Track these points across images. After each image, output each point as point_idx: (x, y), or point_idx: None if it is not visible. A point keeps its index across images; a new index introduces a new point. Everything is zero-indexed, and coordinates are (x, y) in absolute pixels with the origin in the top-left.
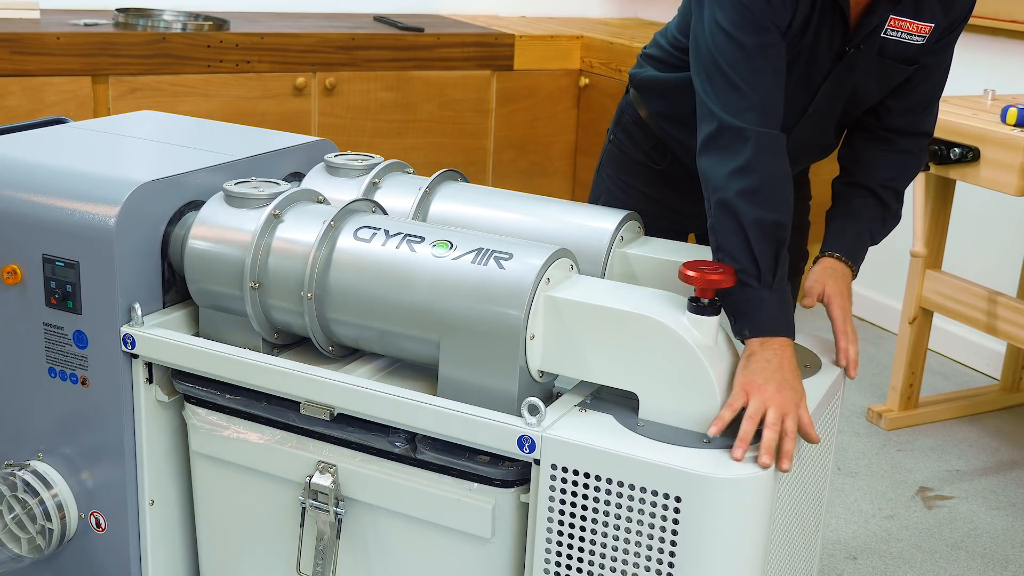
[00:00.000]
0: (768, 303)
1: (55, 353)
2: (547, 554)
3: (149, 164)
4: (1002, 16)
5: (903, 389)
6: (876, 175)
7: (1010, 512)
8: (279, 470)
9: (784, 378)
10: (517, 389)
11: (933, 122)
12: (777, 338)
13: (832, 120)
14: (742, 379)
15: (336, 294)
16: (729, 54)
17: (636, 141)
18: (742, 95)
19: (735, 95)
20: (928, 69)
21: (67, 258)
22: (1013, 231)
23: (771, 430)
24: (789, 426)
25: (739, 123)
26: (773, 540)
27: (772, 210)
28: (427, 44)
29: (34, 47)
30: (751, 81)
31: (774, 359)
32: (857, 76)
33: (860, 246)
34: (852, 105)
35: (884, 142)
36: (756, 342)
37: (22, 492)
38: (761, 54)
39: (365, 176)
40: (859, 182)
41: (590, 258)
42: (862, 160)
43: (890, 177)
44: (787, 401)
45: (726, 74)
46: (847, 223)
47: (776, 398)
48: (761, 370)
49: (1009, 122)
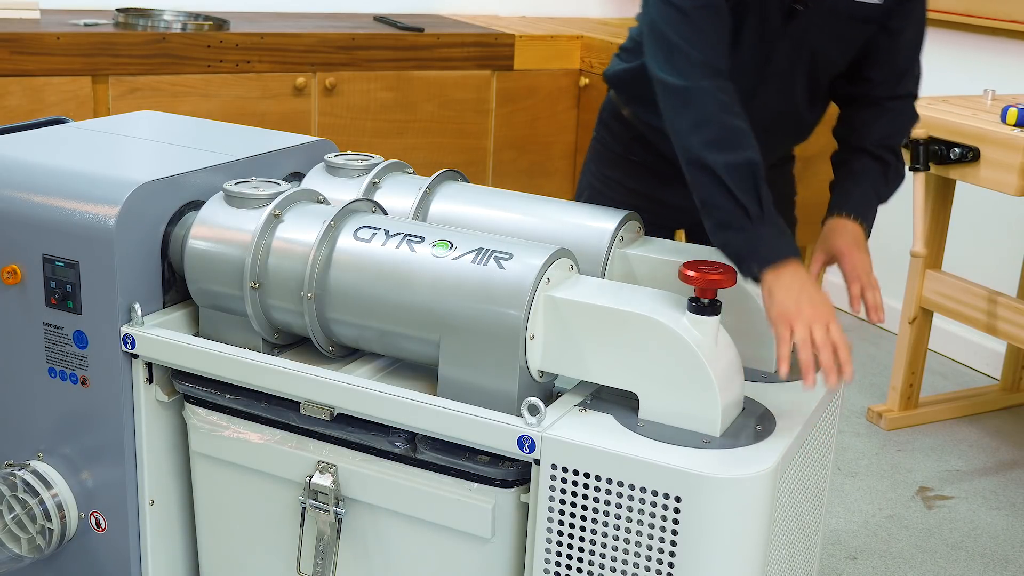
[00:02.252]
0: (765, 235)
1: (55, 353)
2: (547, 554)
3: (149, 164)
4: (1002, 16)
5: (903, 389)
6: (870, 137)
7: (1010, 512)
8: (279, 470)
9: (812, 296)
10: (517, 389)
11: (917, 82)
12: (787, 263)
13: (797, 87)
14: (775, 313)
15: (336, 294)
16: (670, 18)
17: (616, 135)
18: (684, 54)
19: (678, 55)
20: (897, 33)
21: (67, 258)
22: (1013, 231)
23: (826, 350)
24: (836, 336)
25: (685, 81)
26: (773, 540)
27: (739, 151)
28: (427, 44)
29: (34, 47)
30: (692, 40)
31: (794, 283)
32: (813, 36)
33: (868, 204)
34: (817, 71)
35: (872, 107)
36: (770, 275)
37: (22, 492)
38: (701, 15)
39: (365, 176)
40: (855, 146)
41: (590, 258)
42: (854, 126)
43: (885, 136)
44: (826, 314)
45: (668, 38)
46: (850, 185)
47: (816, 317)
48: (788, 298)
49: (1009, 122)
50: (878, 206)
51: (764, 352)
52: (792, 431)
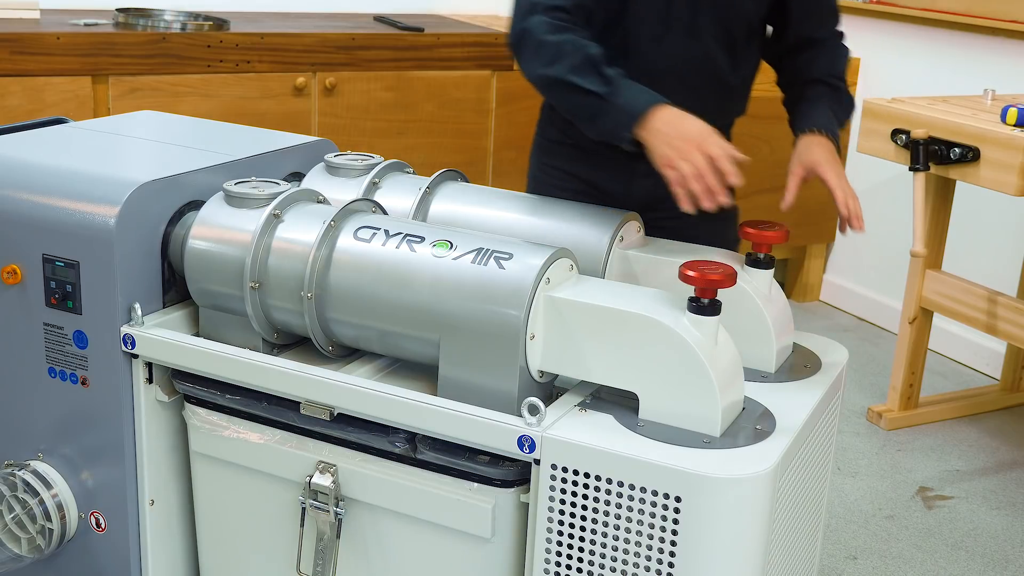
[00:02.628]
0: (621, 103)
1: (55, 353)
2: (547, 554)
3: (149, 164)
4: (1002, 16)
5: (903, 389)
6: (818, 70)
7: (1010, 512)
8: (279, 470)
9: (682, 131)
10: (517, 389)
11: (838, 18)
12: (649, 113)
13: (704, 34)
14: (658, 163)
15: (336, 294)
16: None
17: (553, 121)
18: (519, 4)
19: (516, 8)
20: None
21: (67, 258)
22: (1013, 231)
23: (706, 176)
24: (716, 151)
25: (520, 26)
26: (773, 540)
27: (575, 54)
28: (427, 44)
29: (34, 47)
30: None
31: (663, 127)
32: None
33: (830, 121)
34: (728, 19)
35: (810, 48)
36: (641, 132)
37: (22, 492)
38: None
39: (365, 176)
40: (805, 80)
41: (590, 258)
42: (798, 67)
43: (830, 66)
44: (699, 141)
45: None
46: (807, 107)
47: (689, 149)
48: (662, 143)
49: (1009, 122)
50: (838, 129)
51: (764, 352)
52: (792, 431)
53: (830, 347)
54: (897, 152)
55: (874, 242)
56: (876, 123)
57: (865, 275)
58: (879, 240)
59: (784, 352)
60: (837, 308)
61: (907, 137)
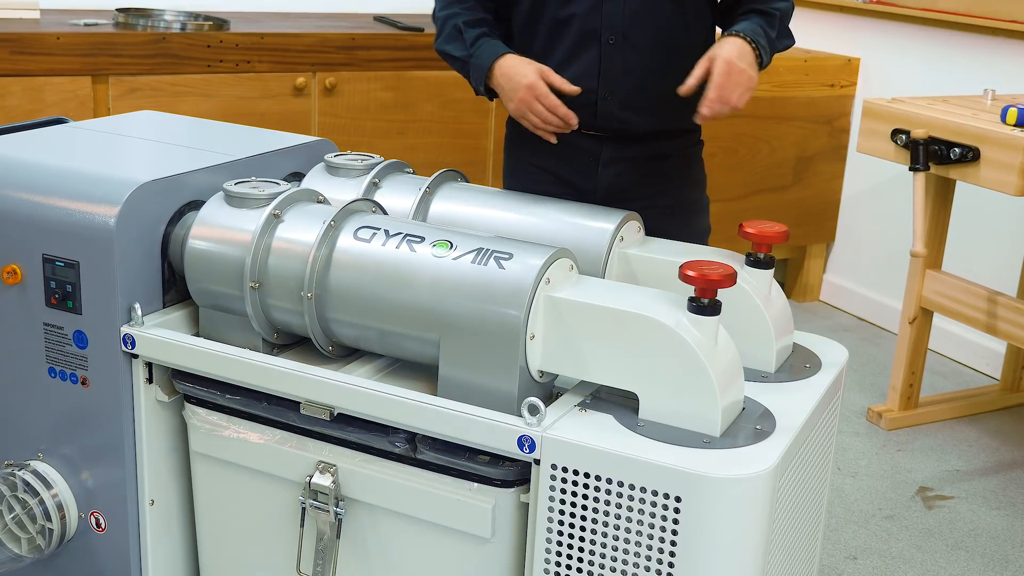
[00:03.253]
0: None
1: (55, 353)
2: (547, 554)
3: (149, 164)
4: (1002, 16)
5: (903, 389)
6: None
7: (1010, 512)
8: (279, 470)
9: (517, 81)
10: (517, 389)
11: None
12: (494, 65)
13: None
14: (512, 113)
15: (336, 294)
16: None
17: None
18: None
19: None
20: None
21: (67, 258)
22: (1013, 231)
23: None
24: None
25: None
26: (773, 540)
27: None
28: (427, 44)
29: (34, 47)
30: None
31: (506, 80)
32: None
33: (757, 33)
34: None
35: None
36: (493, 85)
37: (22, 492)
38: None
39: (365, 176)
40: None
41: (590, 258)
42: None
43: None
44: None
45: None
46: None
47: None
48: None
49: (1009, 122)
50: (769, 45)
51: (764, 352)
52: (792, 431)
53: (830, 347)
54: (897, 152)
55: (874, 242)
56: (876, 123)
57: (865, 275)
58: (879, 240)
59: (784, 352)
60: (837, 308)
61: (907, 137)
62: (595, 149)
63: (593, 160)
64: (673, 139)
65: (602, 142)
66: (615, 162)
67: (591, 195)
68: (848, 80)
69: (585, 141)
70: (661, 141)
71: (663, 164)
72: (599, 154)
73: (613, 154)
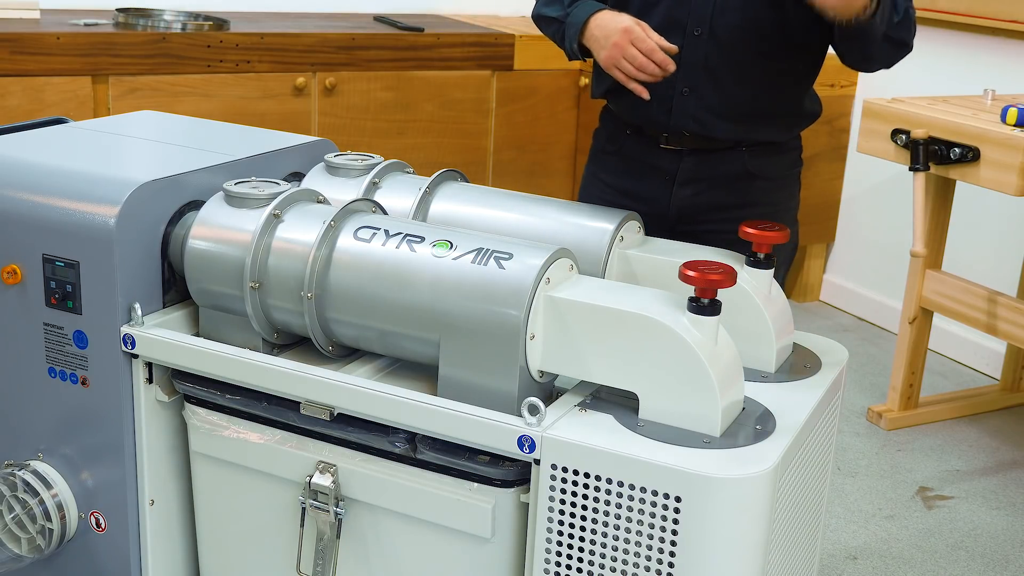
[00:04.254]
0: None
1: (55, 353)
2: (547, 554)
3: (149, 164)
4: (1002, 16)
5: (903, 389)
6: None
7: (1010, 512)
8: (279, 470)
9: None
10: (517, 389)
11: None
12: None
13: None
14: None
15: (336, 294)
16: None
17: (603, 128)
18: None
19: None
20: None
21: (67, 258)
22: (1013, 231)
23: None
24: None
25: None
26: (773, 540)
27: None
28: (427, 44)
29: (34, 47)
30: None
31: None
32: None
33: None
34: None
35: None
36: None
37: (22, 492)
38: None
39: (365, 176)
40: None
41: (590, 258)
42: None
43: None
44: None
45: None
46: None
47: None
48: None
49: (1009, 122)
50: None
51: (764, 352)
52: (792, 431)
53: (830, 347)
54: (897, 152)
55: (874, 242)
56: (876, 123)
57: (865, 275)
58: (879, 240)
59: (784, 352)
60: (837, 308)
61: (907, 137)
62: (671, 166)
63: (668, 179)
64: (762, 156)
65: (680, 157)
66: (689, 183)
67: (665, 213)
68: (848, 80)
69: (662, 158)
70: (748, 157)
71: (750, 186)
72: (675, 172)
73: (690, 172)
